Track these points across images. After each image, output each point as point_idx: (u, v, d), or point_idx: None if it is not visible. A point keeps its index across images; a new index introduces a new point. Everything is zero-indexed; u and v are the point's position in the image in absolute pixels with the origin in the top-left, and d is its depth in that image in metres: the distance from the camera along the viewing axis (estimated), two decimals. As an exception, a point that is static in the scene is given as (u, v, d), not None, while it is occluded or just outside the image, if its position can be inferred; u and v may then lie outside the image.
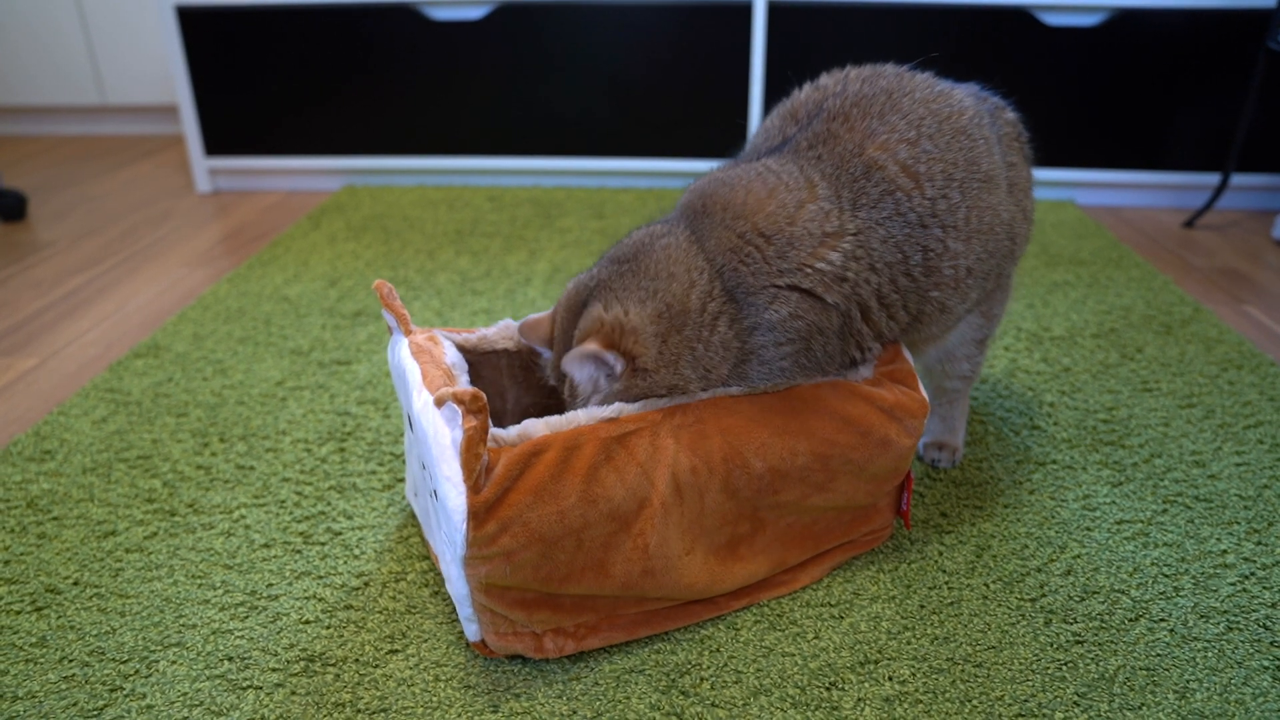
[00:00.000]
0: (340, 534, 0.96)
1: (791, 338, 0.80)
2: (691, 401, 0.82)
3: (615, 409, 0.80)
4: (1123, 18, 1.90)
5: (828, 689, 0.77)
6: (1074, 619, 0.84)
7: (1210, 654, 0.80)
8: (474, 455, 0.70)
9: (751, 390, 0.83)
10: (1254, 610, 0.85)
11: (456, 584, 0.76)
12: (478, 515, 0.71)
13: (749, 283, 0.79)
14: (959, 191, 0.84)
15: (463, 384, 0.84)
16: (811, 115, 0.87)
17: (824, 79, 0.92)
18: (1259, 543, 0.94)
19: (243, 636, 0.83)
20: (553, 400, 0.97)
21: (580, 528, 0.74)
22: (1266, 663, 0.79)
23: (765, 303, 0.79)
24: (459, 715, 0.74)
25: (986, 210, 0.86)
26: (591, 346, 0.78)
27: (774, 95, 2.03)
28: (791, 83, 0.96)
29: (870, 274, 0.81)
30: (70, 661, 0.80)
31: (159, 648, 0.82)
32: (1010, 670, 0.78)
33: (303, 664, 0.80)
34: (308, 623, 0.84)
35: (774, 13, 1.96)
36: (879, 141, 0.83)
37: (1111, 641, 0.81)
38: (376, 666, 0.79)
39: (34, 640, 0.83)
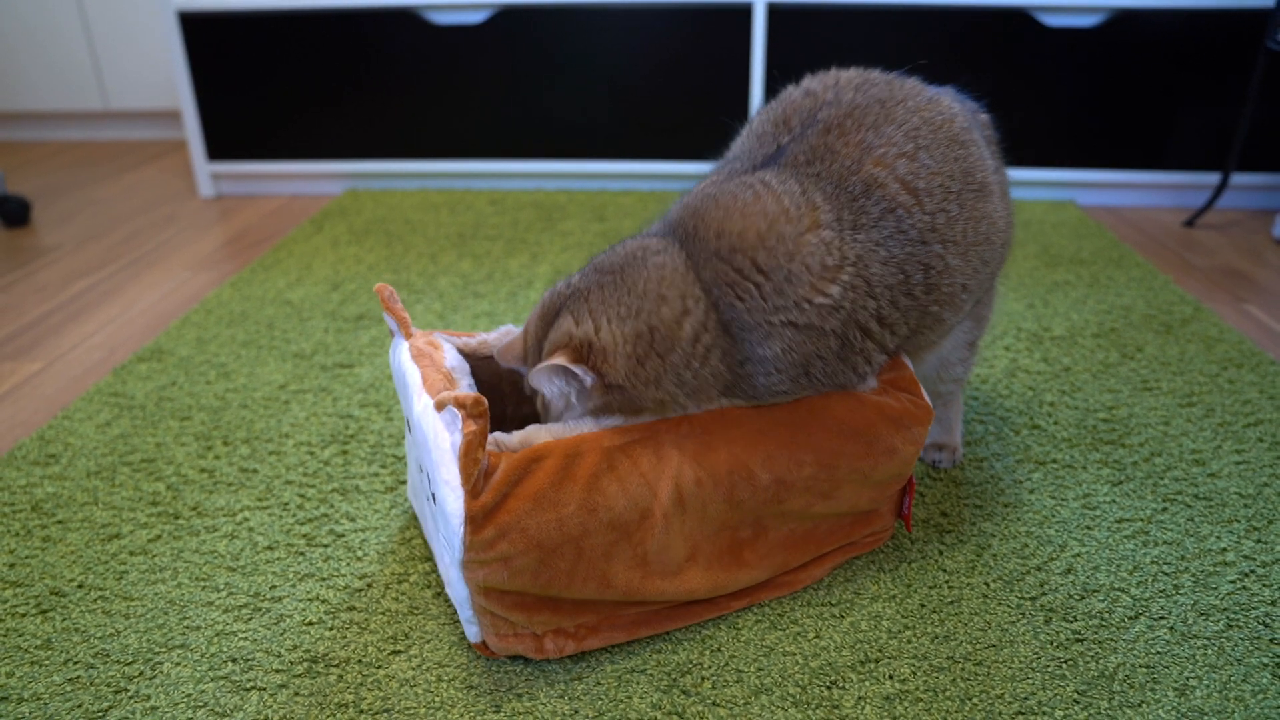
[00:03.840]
0: (343, 536, 0.97)
1: (783, 368, 0.79)
2: (695, 413, 0.81)
3: (619, 418, 0.79)
4: (1122, 18, 1.90)
5: (829, 688, 0.77)
6: (1074, 617, 0.84)
7: (1210, 651, 0.80)
8: (473, 460, 0.70)
9: (755, 402, 0.83)
10: (1254, 608, 0.85)
11: (456, 586, 0.76)
12: (475, 520, 0.71)
13: (744, 319, 0.77)
14: (956, 204, 0.83)
15: (464, 387, 0.84)
16: (805, 124, 0.85)
17: (811, 83, 0.90)
18: (1259, 540, 0.94)
19: (246, 638, 0.83)
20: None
21: (579, 536, 0.74)
22: (1266, 660, 0.79)
23: (759, 339, 0.77)
24: (461, 716, 0.75)
25: (983, 220, 0.85)
26: (558, 360, 0.75)
27: (773, 98, 2.03)
28: (784, 87, 0.95)
29: (868, 299, 0.79)
30: (75, 663, 0.81)
31: (163, 649, 0.82)
32: (1010, 668, 0.79)
33: (306, 665, 0.80)
34: (311, 624, 0.85)
35: (774, 15, 1.96)
36: (876, 156, 0.81)
37: (1111, 639, 0.82)
38: (379, 667, 0.80)
39: (39, 642, 0.83)
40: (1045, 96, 1.98)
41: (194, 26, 2.05)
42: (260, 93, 2.11)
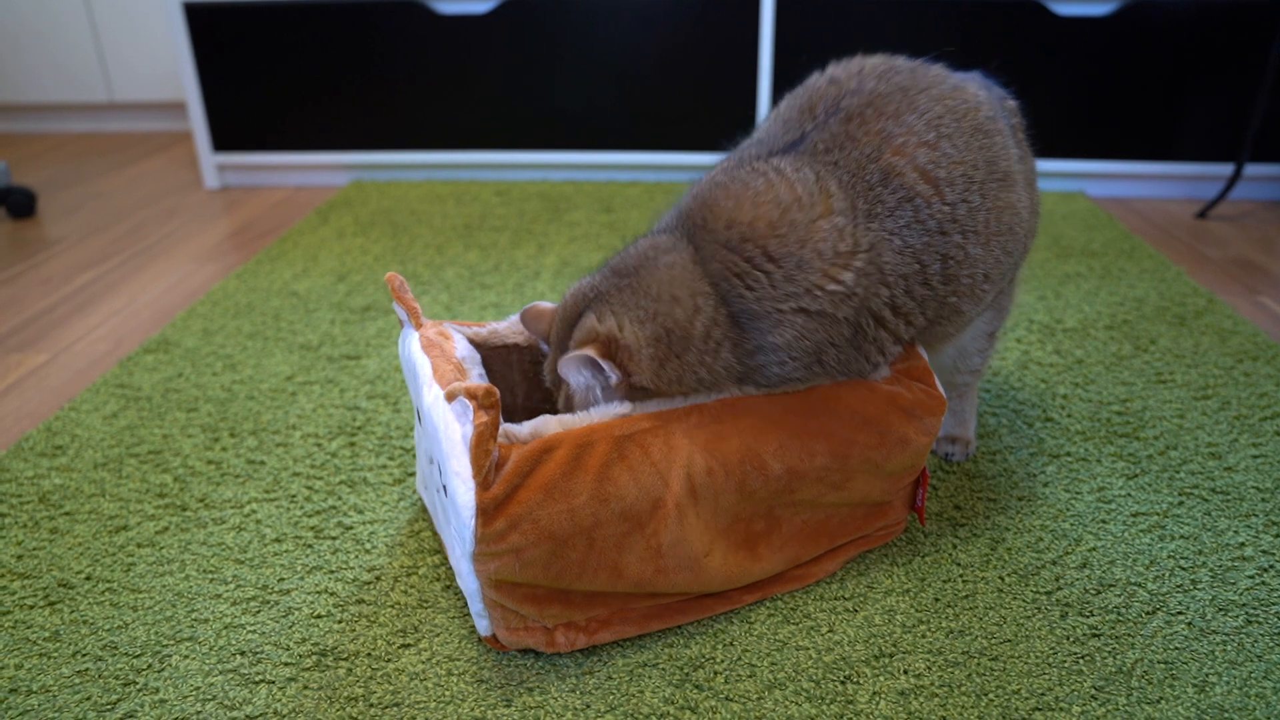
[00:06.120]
0: (351, 528, 0.96)
1: (797, 355, 0.79)
2: (707, 401, 0.81)
3: (628, 406, 0.79)
4: (1134, 6, 1.88)
5: (842, 682, 0.76)
6: (1090, 612, 0.83)
7: (1229, 647, 0.79)
8: (484, 451, 0.69)
9: (768, 390, 0.83)
10: (1273, 603, 0.84)
11: (467, 579, 0.75)
12: (487, 512, 0.70)
13: (752, 309, 0.77)
14: (979, 194, 0.82)
15: (474, 377, 0.83)
16: (829, 112, 0.84)
17: (837, 70, 0.89)
18: (1277, 535, 0.93)
19: (254, 631, 0.83)
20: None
21: (591, 526, 0.74)
22: (1286, 656, 0.78)
23: (769, 327, 0.77)
24: (472, 709, 0.74)
25: (1006, 210, 0.84)
26: (588, 351, 0.77)
27: (782, 87, 2.02)
28: (799, 74, 0.94)
29: (881, 288, 0.79)
30: (83, 656, 0.80)
31: (171, 642, 0.82)
32: (1026, 663, 0.78)
33: (315, 658, 0.79)
34: (319, 617, 0.84)
35: (782, 4, 1.95)
36: (896, 145, 0.80)
37: (1129, 635, 0.81)
38: (389, 661, 0.79)
39: (47, 635, 0.83)
40: (1055, 85, 1.97)
41: (199, 18, 2.04)
42: (265, 84, 2.10)
